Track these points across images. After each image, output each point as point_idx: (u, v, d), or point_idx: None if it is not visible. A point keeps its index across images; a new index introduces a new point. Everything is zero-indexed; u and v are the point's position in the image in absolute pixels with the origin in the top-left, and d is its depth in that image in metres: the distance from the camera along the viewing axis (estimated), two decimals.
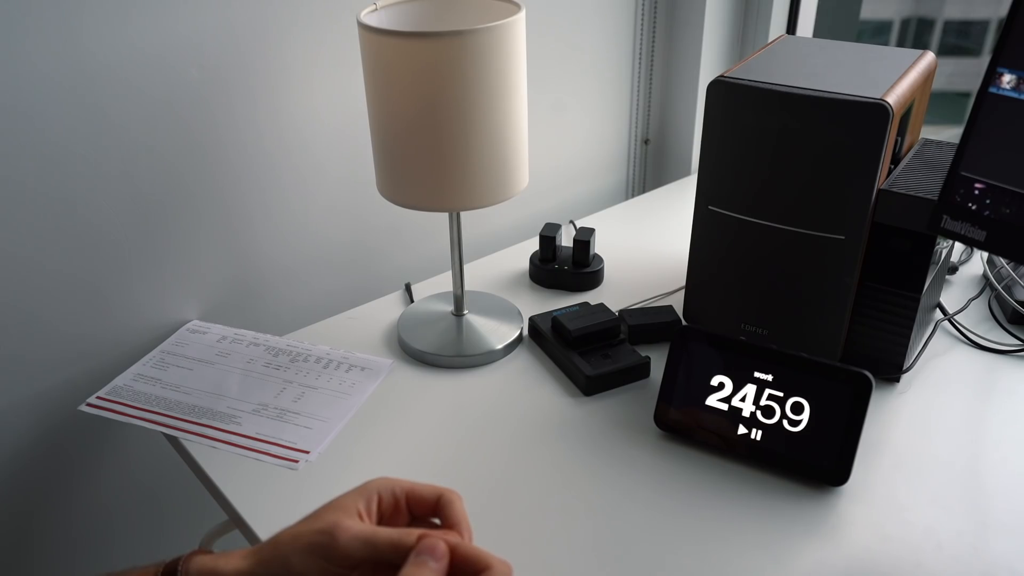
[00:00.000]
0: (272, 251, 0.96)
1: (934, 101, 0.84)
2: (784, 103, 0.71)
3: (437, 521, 0.52)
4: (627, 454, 0.72)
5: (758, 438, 0.69)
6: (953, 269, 0.97)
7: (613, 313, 0.85)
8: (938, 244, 0.73)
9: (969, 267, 0.99)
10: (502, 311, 0.92)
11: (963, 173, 0.56)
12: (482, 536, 0.64)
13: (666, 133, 1.31)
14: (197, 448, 0.74)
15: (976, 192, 0.55)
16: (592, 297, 0.96)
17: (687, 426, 0.72)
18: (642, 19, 1.21)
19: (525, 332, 0.90)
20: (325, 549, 0.48)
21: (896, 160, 0.75)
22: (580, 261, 0.98)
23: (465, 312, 0.91)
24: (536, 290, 0.98)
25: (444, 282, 1.00)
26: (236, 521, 0.68)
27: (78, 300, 0.83)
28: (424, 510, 0.53)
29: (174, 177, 0.85)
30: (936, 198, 0.58)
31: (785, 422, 0.68)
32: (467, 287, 0.93)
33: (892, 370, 0.78)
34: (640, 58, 1.24)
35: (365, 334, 0.90)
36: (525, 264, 1.03)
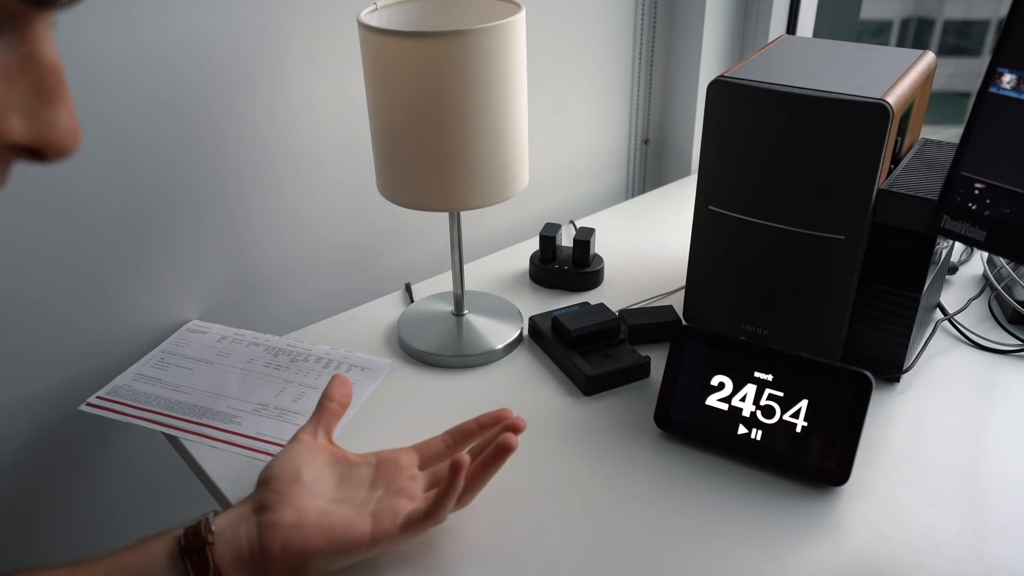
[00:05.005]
0: (272, 251, 0.96)
1: (934, 101, 0.84)
2: (784, 103, 0.71)
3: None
4: (627, 454, 0.72)
5: (758, 438, 0.69)
6: (953, 269, 0.97)
7: (613, 313, 0.85)
8: (938, 244, 0.73)
9: (969, 267, 0.99)
10: (502, 311, 0.91)
11: (963, 173, 0.56)
12: (482, 535, 0.64)
13: (666, 133, 1.31)
14: (197, 448, 0.74)
15: (976, 192, 0.55)
16: (592, 297, 0.96)
17: (687, 426, 0.72)
18: (642, 19, 1.21)
19: (525, 332, 0.90)
20: (335, 455, 0.62)
21: (896, 160, 0.75)
22: (580, 261, 0.98)
23: (465, 312, 0.90)
24: (536, 290, 0.98)
25: (444, 282, 1.00)
26: None
27: (78, 301, 0.83)
28: (434, 447, 0.65)
29: (174, 177, 0.85)
30: (936, 198, 0.58)
31: (785, 422, 0.68)
32: (467, 287, 0.93)
33: (892, 370, 0.78)
34: (640, 58, 1.24)
35: (365, 334, 0.90)
36: (525, 264, 1.03)
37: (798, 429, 0.68)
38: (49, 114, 0.28)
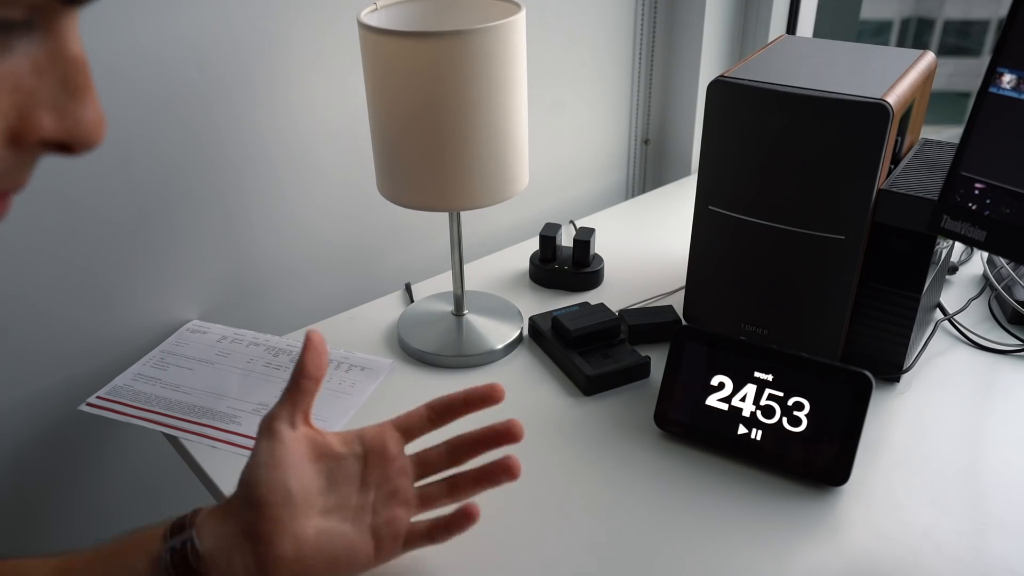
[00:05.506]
0: (272, 251, 0.96)
1: (934, 101, 0.84)
2: (784, 103, 0.71)
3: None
4: (627, 454, 0.72)
5: (758, 438, 0.69)
6: (953, 269, 0.97)
7: (613, 313, 0.85)
8: (938, 244, 0.73)
9: (969, 267, 0.99)
10: (502, 311, 0.92)
11: (963, 173, 0.56)
12: (482, 535, 0.64)
13: (666, 133, 1.31)
14: (197, 448, 0.74)
15: (976, 192, 0.55)
16: (592, 297, 0.96)
17: (687, 426, 0.72)
18: (642, 19, 1.21)
19: (525, 332, 0.90)
20: (320, 447, 0.57)
21: (896, 160, 0.75)
22: (580, 261, 0.98)
23: (465, 312, 0.91)
24: (536, 290, 0.98)
25: (444, 282, 1.00)
26: None
27: (78, 300, 0.83)
28: (416, 421, 0.62)
29: (175, 177, 0.85)
30: (936, 198, 0.58)
31: (785, 422, 0.69)
32: (467, 287, 0.93)
33: (892, 370, 0.78)
34: (640, 58, 1.24)
35: (365, 334, 0.90)
36: (525, 264, 1.03)
37: (798, 429, 0.68)
38: (77, 108, 0.28)
